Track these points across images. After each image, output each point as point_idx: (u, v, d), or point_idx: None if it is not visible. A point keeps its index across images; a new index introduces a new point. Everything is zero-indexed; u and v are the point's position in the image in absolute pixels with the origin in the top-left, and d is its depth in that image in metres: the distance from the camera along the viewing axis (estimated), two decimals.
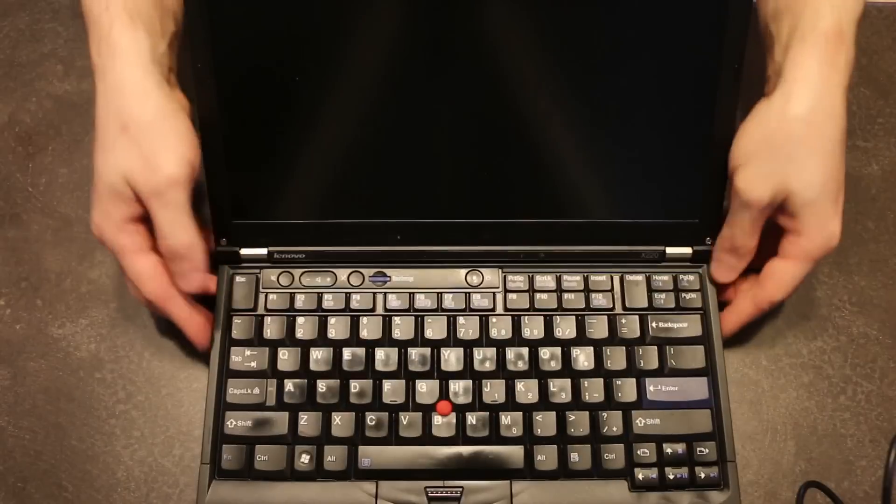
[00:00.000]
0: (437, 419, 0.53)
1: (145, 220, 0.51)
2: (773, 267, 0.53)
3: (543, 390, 0.53)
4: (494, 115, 0.53)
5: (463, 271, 0.56)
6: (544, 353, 0.54)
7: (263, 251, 0.56)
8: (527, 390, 0.53)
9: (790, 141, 0.50)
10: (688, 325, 0.55)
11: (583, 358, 0.54)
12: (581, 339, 0.54)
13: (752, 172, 0.51)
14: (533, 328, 0.54)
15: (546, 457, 0.52)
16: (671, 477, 0.52)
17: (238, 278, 0.56)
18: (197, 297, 0.54)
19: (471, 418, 0.53)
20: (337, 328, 0.54)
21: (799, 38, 0.50)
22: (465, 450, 0.52)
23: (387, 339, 0.54)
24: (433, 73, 0.52)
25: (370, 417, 0.53)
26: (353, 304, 0.55)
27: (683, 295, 0.56)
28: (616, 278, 0.56)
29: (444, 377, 0.53)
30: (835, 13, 0.50)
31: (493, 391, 0.53)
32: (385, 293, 0.55)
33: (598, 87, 0.53)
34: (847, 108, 0.51)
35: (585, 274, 0.56)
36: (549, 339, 0.54)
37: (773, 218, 0.52)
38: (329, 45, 0.51)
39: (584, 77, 0.53)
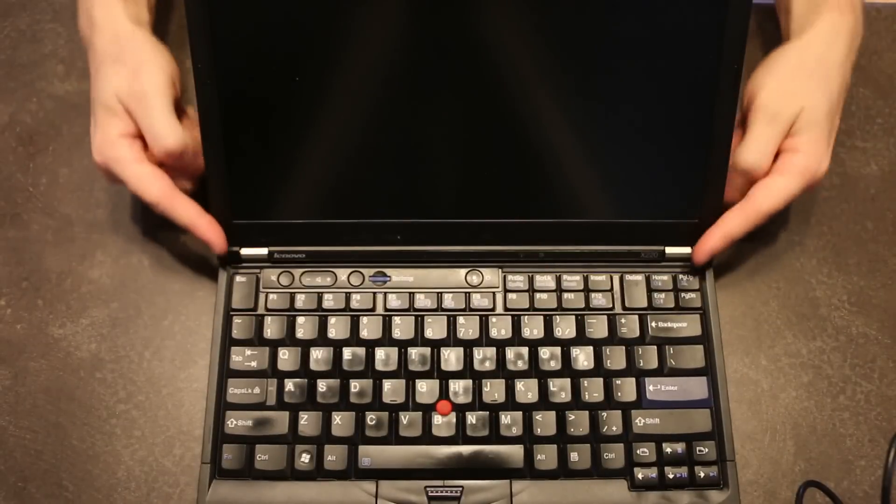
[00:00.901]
0: (437, 419, 0.53)
1: (140, 138, 0.54)
2: (765, 181, 0.55)
3: (543, 390, 0.53)
4: (494, 115, 0.53)
5: (463, 271, 0.56)
6: (544, 352, 0.54)
7: (263, 251, 0.56)
8: (527, 390, 0.53)
9: (806, 72, 0.55)
10: (687, 325, 0.55)
11: (582, 358, 0.54)
12: (581, 338, 0.54)
13: (778, 91, 0.55)
14: (533, 328, 0.55)
15: (546, 456, 0.52)
16: (671, 476, 0.52)
17: (238, 278, 0.56)
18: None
19: (471, 418, 0.53)
20: (337, 328, 0.54)
21: (813, 8, 0.58)
22: (465, 449, 0.52)
23: (387, 339, 0.54)
24: (433, 73, 0.52)
25: (370, 417, 0.53)
26: (353, 304, 0.55)
27: (683, 295, 0.56)
28: (616, 278, 0.56)
29: (444, 377, 0.54)
30: None
31: (493, 391, 0.53)
32: (385, 293, 0.56)
33: (598, 88, 0.53)
34: (847, 85, 0.57)
35: (585, 274, 0.56)
36: (549, 338, 0.54)
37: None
38: (329, 46, 0.51)
39: (584, 77, 0.53)
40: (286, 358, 0.54)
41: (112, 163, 0.54)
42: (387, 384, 0.53)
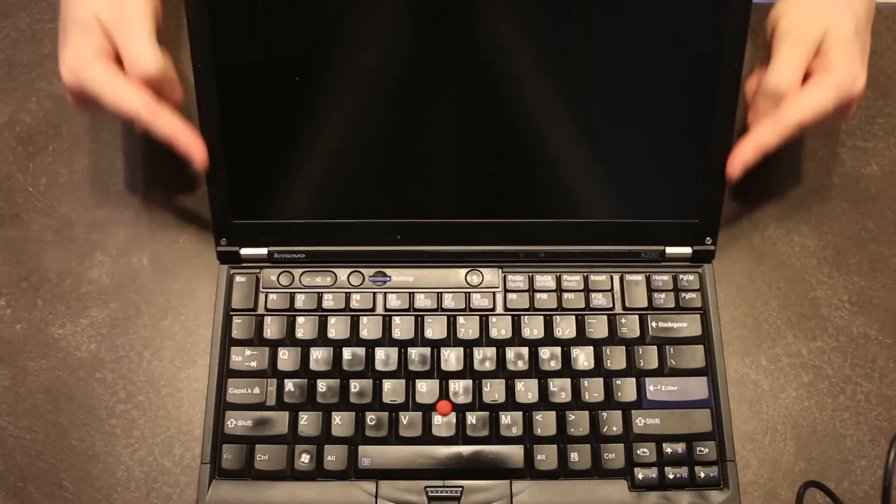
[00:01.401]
0: (437, 419, 0.53)
1: (117, 60, 0.53)
2: (798, 95, 0.53)
3: (543, 390, 0.53)
4: (494, 115, 0.53)
5: (463, 271, 0.56)
6: (544, 352, 0.54)
7: (263, 251, 0.56)
8: (527, 390, 0.53)
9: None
10: (687, 325, 0.55)
11: (583, 358, 0.54)
12: (581, 338, 0.54)
13: (801, 15, 0.54)
14: (533, 328, 0.55)
15: (546, 456, 0.52)
16: (671, 476, 0.52)
17: (238, 278, 0.56)
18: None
19: (471, 418, 0.53)
20: (337, 328, 0.54)
21: None
22: (465, 449, 0.52)
23: (387, 339, 0.54)
24: (433, 73, 0.52)
25: (370, 417, 0.53)
26: (353, 304, 0.55)
27: (683, 295, 0.56)
28: (616, 278, 0.56)
29: (444, 377, 0.54)
30: None
31: (493, 391, 0.53)
32: (385, 293, 0.55)
33: (598, 88, 0.53)
34: (872, 9, 0.57)
35: (585, 274, 0.56)
36: (549, 338, 0.54)
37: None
38: (329, 46, 0.51)
39: (584, 77, 0.53)
40: (286, 358, 0.54)
41: (87, 81, 0.52)
42: (387, 384, 0.53)
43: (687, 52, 0.52)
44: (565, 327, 0.55)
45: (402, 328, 0.54)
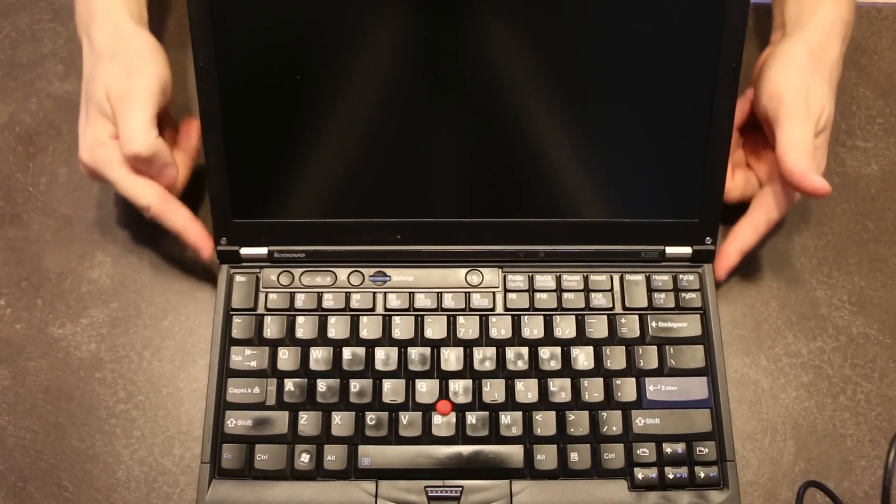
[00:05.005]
0: (436, 419, 0.53)
1: None
2: (772, 189, 0.56)
3: (543, 390, 0.53)
4: (494, 114, 0.53)
5: (463, 271, 0.56)
6: (544, 352, 0.54)
7: (263, 251, 0.56)
8: (527, 390, 0.53)
9: (816, 69, 0.55)
10: (687, 325, 0.55)
11: (582, 358, 0.54)
12: (581, 338, 0.54)
13: (804, 89, 0.54)
14: (533, 328, 0.55)
15: (546, 456, 0.52)
16: (671, 476, 0.52)
17: (238, 278, 0.56)
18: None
19: (471, 418, 0.53)
20: (337, 328, 0.54)
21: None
22: (465, 449, 0.52)
23: (387, 339, 0.54)
24: (434, 73, 0.52)
25: (370, 417, 0.53)
26: (353, 304, 0.55)
27: (683, 295, 0.56)
28: (616, 278, 0.56)
29: (444, 377, 0.53)
30: None
31: (493, 391, 0.53)
32: (385, 293, 0.55)
33: (597, 87, 0.53)
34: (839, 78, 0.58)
35: (585, 274, 0.56)
36: (549, 338, 0.54)
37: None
38: (330, 46, 0.51)
39: (583, 77, 0.53)
40: (286, 358, 0.54)
41: (102, 166, 0.54)
42: (387, 384, 0.53)
43: (686, 51, 0.52)
44: (565, 327, 0.55)
45: (402, 328, 0.54)
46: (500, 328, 0.55)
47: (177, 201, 0.55)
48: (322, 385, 0.53)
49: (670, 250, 0.56)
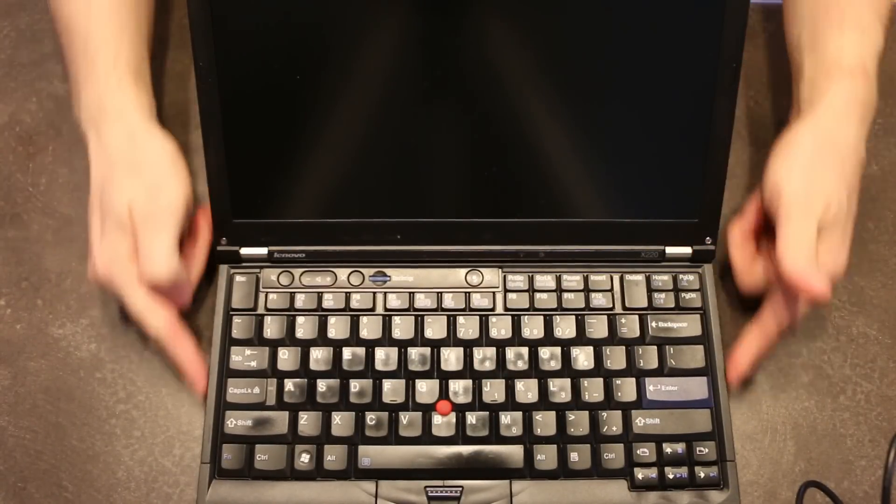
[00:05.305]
0: (436, 419, 0.53)
1: None
2: (784, 298, 0.53)
3: (543, 390, 0.53)
4: (494, 114, 0.53)
5: (463, 271, 0.56)
6: (544, 352, 0.54)
7: (263, 251, 0.56)
8: (527, 390, 0.53)
9: (824, 159, 0.52)
10: (687, 325, 0.55)
11: (582, 358, 0.54)
12: (581, 338, 0.54)
13: (805, 184, 0.52)
14: (533, 328, 0.55)
15: (546, 456, 0.52)
16: (671, 476, 0.52)
17: (238, 278, 0.56)
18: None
19: (471, 418, 0.53)
20: (337, 328, 0.54)
21: (824, 74, 0.54)
22: (465, 449, 0.52)
23: (387, 339, 0.54)
24: (434, 73, 0.52)
25: (370, 417, 0.53)
26: (353, 304, 0.55)
27: (683, 295, 0.56)
28: (616, 278, 0.56)
29: (444, 377, 0.53)
30: (856, 51, 0.54)
31: (493, 391, 0.53)
32: (385, 293, 0.55)
33: (597, 88, 0.53)
34: (862, 161, 0.54)
35: (585, 274, 0.56)
36: (549, 338, 0.54)
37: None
38: (330, 46, 0.51)
39: (583, 77, 0.53)
40: (286, 358, 0.54)
41: (117, 282, 0.52)
42: (387, 384, 0.53)
43: (686, 51, 0.52)
44: (565, 327, 0.55)
45: (402, 328, 0.54)
46: (500, 328, 0.55)
47: (184, 333, 0.53)
48: (322, 385, 0.53)
49: (670, 250, 0.56)
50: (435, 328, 0.54)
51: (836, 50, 0.54)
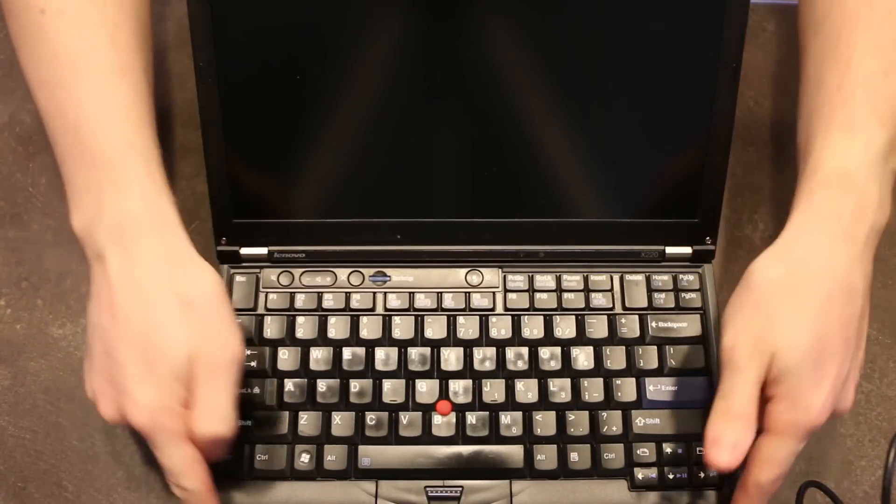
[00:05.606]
0: (436, 419, 0.53)
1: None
2: (757, 443, 0.46)
3: (543, 390, 0.53)
4: (494, 114, 0.53)
5: (463, 271, 0.56)
6: (544, 352, 0.54)
7: (263, 250, 0.56)
8: (526, 390, 0.53)
9: (773, 296, 0.46)
10: (687, 325, 0.55)
11: (582, 358, 0.54)
12: (581, 338, 0.54)
13: (737, 330, 0.46)
14: (533, 328, 0.55)
15: (546, 456, 0.52)
16: (671, 477, 0.52)
17: (238, 278, 0.56)
18: None
19: (471, 418, 0.53)
20: (337, 328, 0.54)
21: (802, 184, 0.48)
22: (465, 449, 0.52)
23: (387, 339, 0.54)
24: (434, 72, 0.52)
25: (370, 417, 0.53)
26: (353, 304, 0.55)
27: (683, 295, 0.56)
28: (616, 278, 0.56)
29: (444, 377, 0.53)
30: (838, 156, 0.47)
31: (493, 391, 0.53)
32: (385, 293, 0.55)
33: (597, 87, 0.53)
34: (862, 260, 0.46)
35: (585, 274, 0.56)
36: (549, 338, 0.54)
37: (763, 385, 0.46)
38: (330, 46, 0.51)
39: (583, 77, 0.53)
40: (286, 358, 0.54)
41: (163, 437, 0.45)
42: (387, 384, 0.53)
43: (686, 51, 0.52)
44: (565, 327, 0.55)
45: (402, 328, 0.54)
46: (500, 328, 0.55)
47: (215, 495, 0.47)
48: (322, 385, 0.53)
49: (670, 250, 0.56)
50: (435, 328, 0.54)
51: (817, 157, 0.47)
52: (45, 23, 0.48)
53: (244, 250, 0.56)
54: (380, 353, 0.54)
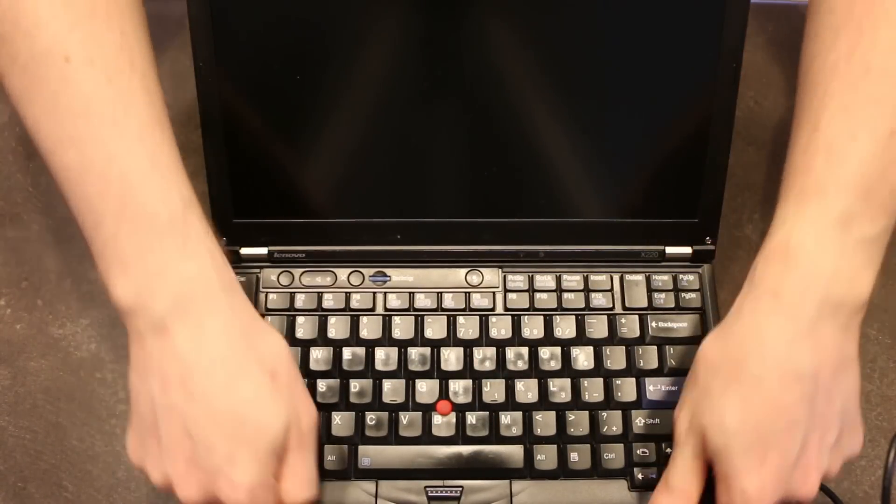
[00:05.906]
0: (436, 419, 0.53)
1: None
2: None
3: (543, 390, 0.53)
4: (494, 114, 0.53)
5: (463, 271, 0.56)
6: (544, 352, 0.54)
7: (263, 251, 0.56)
8: (526, 390, 0.53)
9: (708, 374, 0.45)
10: (687, 325, 0.55)
11: (582, 358, 0.54)
12: (581, 338, 0.54)
13: (682, 403, 0.46)
14: (533, 328, 0.55)
15: (546, 456, 0.52)
16: None
17: (238, 278, 0.55)
18: None
19: (471, 418, 0.53)
20: (337, 328, 0.54)
21: (759, 260, 0.46)
22: (465, 449, 0.52)
23: (387, 339, 0.54)
24: (434, 73, 0.52)
25: (370, 417, 0.53)
26: (353, 304, 0.55)
27: (683, 295, 0.56)
28: (616, 278, 0.56)
29: (444, 377, 0.53)
30: (785, 227, 0.44)
31: (493, 391, 0.53)
32: (385, 293, 0.55)
33: (597, 87, 0.53)
34: (811, 337, 0.43)
35: (585, 274, 0.56)
36: (549, 338, 0.54)
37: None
38: (330, 45, 0.51)
39: (583, 77, 0.53)
40: None
41: None
42: (387, 384, 0.53)
43: (686, 51, 0.52)
44: (565, 327, 0.55)
45: (402, 328, 0.54)
46: (500, 328, 0.55)
47: None
48: (322, 385, 0.53)
49: (670, 250, 0.56)
50: (435, 328, 0.54)
51: (771, 227, 0.46)
52: (69, 73, 0.42)
53: (244, 250, 0.56)
54: (380, 353, 0.54)
